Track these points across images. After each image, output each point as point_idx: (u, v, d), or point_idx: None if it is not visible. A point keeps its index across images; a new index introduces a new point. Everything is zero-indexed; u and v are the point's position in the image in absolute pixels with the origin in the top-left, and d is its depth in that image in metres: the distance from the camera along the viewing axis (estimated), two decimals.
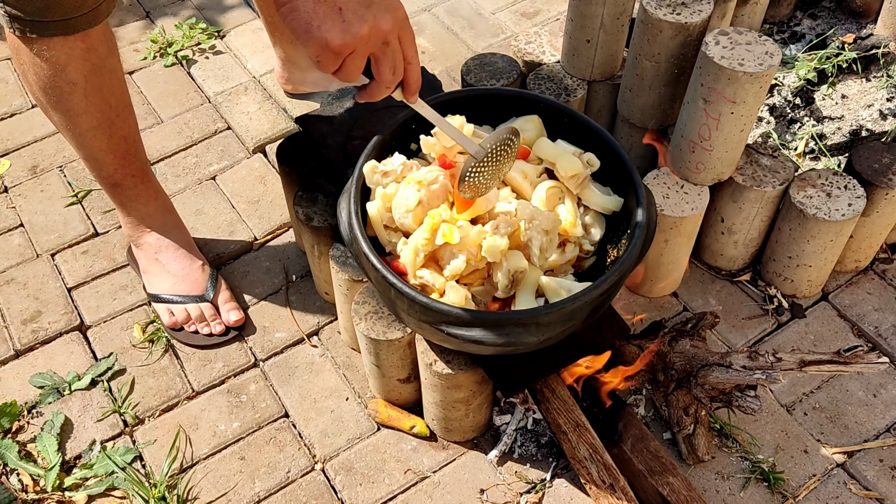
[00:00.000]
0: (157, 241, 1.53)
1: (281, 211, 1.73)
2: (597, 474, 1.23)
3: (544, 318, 1.04)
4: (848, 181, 1.46)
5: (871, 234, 1.53)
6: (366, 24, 0.89)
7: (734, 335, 1.52)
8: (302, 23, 0.87)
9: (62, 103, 1.24)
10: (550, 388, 1.28)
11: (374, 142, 1.18)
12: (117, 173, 1.40)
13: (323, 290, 1.56)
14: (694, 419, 1.31)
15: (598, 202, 1.18)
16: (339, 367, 1.49)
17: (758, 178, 1.44)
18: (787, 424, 1.40)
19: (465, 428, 1.36)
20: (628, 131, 1.59)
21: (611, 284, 1.07)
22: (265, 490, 1.34)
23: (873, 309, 1.56)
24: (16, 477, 1.36)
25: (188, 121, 1.93)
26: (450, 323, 1.05)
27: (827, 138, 1.72)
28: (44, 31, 1.14)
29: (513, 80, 1.59)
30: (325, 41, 0.88)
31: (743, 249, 1.56)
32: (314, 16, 0.87)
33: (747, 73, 1.24)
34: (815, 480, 1.34)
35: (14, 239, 1.70)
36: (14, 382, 1.47)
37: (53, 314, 1.57)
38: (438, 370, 1.21)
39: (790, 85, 1.80)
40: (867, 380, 1.46)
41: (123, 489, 1.34)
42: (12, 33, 1.16)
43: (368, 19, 0.89)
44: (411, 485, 1.34)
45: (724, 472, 1.35)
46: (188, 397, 1.46)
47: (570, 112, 1.24)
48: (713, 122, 1.33)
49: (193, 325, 1.52)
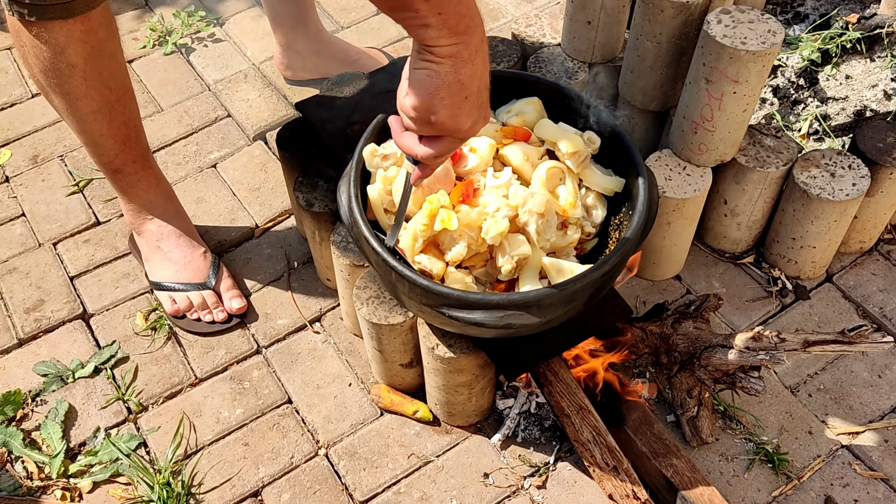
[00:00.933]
0: (158, 229, 1.53)
1: (282, 198, 1.73)
2: (600, 457, 1.23)
3: (546, 300, 1.04)
4: (852, 161, 1.44)
5: (876, 214, 1.52)
6: (471, 121, 0.91)
7: (738, 317, 1.51)
8: (433, 82, 0.86)
9: (62, 86, 1.24)
10: (553, 371, 1.28)
11: (374, 124, 1.18)
12: (118, 159, 1.40)
13: (324, 277, 1.56)
14: (697, 401, 1.31)
15: (599, 183, 1.18)
16: (342, 353, 1.49)
17: (761, 159, 1.43)
18: (791, 406, 1.40)
19: (468, 412, 1.35)
20: (630, 113, 1.58)
21: (612, 266, 1.06)
22: (269, 476, 1.34)
23: (878, 290, 1.55)
24: (21, 464, 1.36)
25: (188, 109, 1.92)
26: (451, 306, 1.05)
27: (831, 119, 1.70)
28: (43, 15, 1.14)
29: (513, 64, 1.58)
30: (442, 117, 0.88)
31: (746, 231, 1.55)
32: (446, 86, 0.86)
33: (750, 52, 1.23)
34: (820, 461, 1.34)
35: (16, 228, 1.70)
36: (18, 371, 1.48)
37: (56, 303, 1.57)
38: (441, 354, 1.21)
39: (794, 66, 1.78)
40: (872, 361, 1.45)
41: (128, 475, 1.34)
42: (12, 16, 1.16)
43: (476, 118, 0.90)
44: (415, 469, 1.34)
45: (728, 453, 1.35)
46: (191, 384, 1.46)
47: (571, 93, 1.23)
48: (715, 102, 1.31)
49: (196, 313, 1.52)
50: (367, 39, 2.08)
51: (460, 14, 0.82)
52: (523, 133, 1.19)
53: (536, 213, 1.09)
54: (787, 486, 1.31)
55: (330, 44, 1.87)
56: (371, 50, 1.96)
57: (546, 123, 1.19)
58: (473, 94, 0.88)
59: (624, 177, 1.19)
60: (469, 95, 0.88)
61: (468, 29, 0.84)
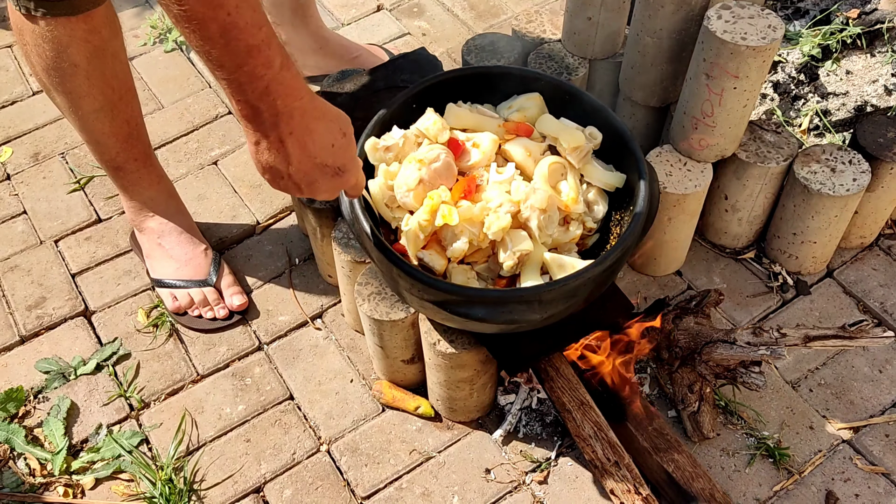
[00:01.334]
0: (159, 226, 1.53)
1: (283, 195, 1.73)
2: (602, 452, 1.24)
3: (547, 296, 1.04)
4: (853, 156, 1.45)
5: (877, 209, 1.52)
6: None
7: (739, 313, 1.51)
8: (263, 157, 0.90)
9: (64, 85, 1.24)
10: (554, 366, 1.28)
11: (375, 120, 1.18)
12: (119, 157, 1.40)
13: (326, 273, 1.56)
14: (699, 396, 1.31)
15: (601, 178, 1.18)
16: (343, 349, 1.49)
17: (762, 155, 1.43)
18: (792, 401, 1.40)
19: (469, 408, 1.36)
20: (630, 109, 1.58)
21: (613, 261, 1.07)
22: (271, 471, 1.35)
23: (879, 285, 1.55)
24: (23, 461, 1.37)
25: (189, 106, 1.92)
26: (452, 301, 1.05)
27: (831, 114, 1.70)
28: (51, 9, 1.14)
29: (514, 60, 1.58)
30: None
31: (747, 227, 1.55)
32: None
33: (750, 47, 1.23)
34: (821, 456, 1.34)
35: (17, 226, 1.70)
36: (20, 368, 1.48)
37: (58, 300, 1.57)
38: (442, 350, 1.21)
39: (794, 61, 1.78)
40: (873, 356, 1.46)
41: (130, 472, 1.35)
42: (17, 11, 1.16)
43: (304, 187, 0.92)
44: (416, 465, 1.35)
45: (729, 448, 1.35)
46: (193, 381, 1.46)
47: (572, 89, 1.24)
48: (716, 97, 1.32)
49: (197, 310, 1.52)
50: (367, 36, 2.08)
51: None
52: (525, 128, 1.19)
53: (539, 209, 1.09)
54: (788, 481, 1.31)
55: (330, 41, 1.87)
56: (371, 46, 1.96)
57: (548, 119, 1.19)
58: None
59: (625, 172, 1.19)
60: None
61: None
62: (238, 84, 0.80)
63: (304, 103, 0.85)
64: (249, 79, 0.80)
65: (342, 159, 0.91)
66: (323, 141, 0.88)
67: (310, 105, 0.86)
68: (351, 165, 0.93)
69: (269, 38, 0.79)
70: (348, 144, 0.92)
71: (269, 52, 0.79)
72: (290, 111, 0.84)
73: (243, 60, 0.78)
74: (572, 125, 1.19)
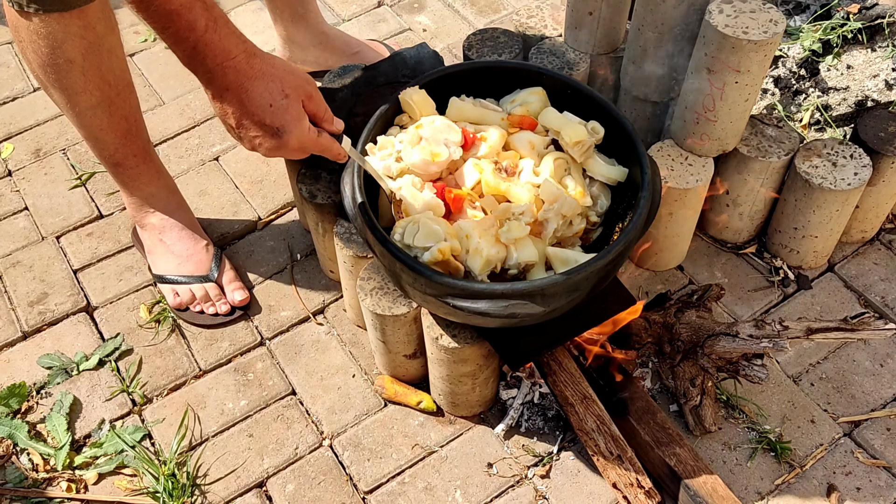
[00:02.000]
0: (161, 222, 1.53)
1: (284, 190, 1.73)
2: (604, 446, 1.24)
3: (550, 290, 1.04)
4: (854, 150, 1.45)
5: (878, 203, 1.52)
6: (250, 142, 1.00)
7: (740, 307, 1.51)
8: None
9: (61, 81, 1.24)
10: (557, 360, 1.28)
11: (377, 116, 1.18)
12: (119, 153, 1.40)
13: (328, 268, 1.56)
14: (700, 390, 1.31)
15: (603, 172, 1.18)
16: (345, 345, 1.49)
17: (763, 149, 1.43)
18: (793, 395, 1.40)
19: (471, 402, 1.36)
20: (632, 104, 1.58)
21: (616, 255, 1.07)
22: (274, 467, 1.35)
23: (880, 279, 1.55)
24: (26, 456, 1.37)
25: (190, 102, 1.92)
26: (455, 295, 1.05)
27: (832, 109, 1.70)
28: (43, 5, 1.14)
29: (515, 55, 1.58)
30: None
31: (748, 221, 1.55)
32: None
33: (752, 41, 1.23)
34: (822, 450, 1.34)
35: (19, 222, 1.70)
36: (22, 363, 1.48)
37: (60, 296, 1.57)
38: (445, 344, 1.21)
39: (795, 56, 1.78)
40: (874, 349, 1.46)
41: (133, 467, 1.35)
42: (11, 7, 1.16)
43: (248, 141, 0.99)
44: (419, 459, 1.35)
45: (730, 442, 1.35)
46: (195, 376, 1.46)
47: (574, 84, 1.24)
48: (717, 91, 1.32)
49: (199, 306, 1.52)
50: (367, 32, 2.07)
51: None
52: (529, 122, 1.19)
53: (562, 216, 1.10)
54: (789, 475, 1.31)
55: (331, 36, 1.87)
56: (372, 42, 1.96)
57: (551, 112, 1.20)
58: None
59: (627, 167, 1.19)
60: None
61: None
62: (171, 44, 0.91)
63: (237, 62, 0.92)
64: (175, 40, 0.90)
65: (280, 120, 0.95)
66: (260, 100, 0.94)
67: (245, 64, 0.92)
68: (291, 126, 0.96)
69: (190, 3, 0.88)
70: (288, 105, 0.95)
71: (190, 15, 0.88)
72: (223, 69, 0.92)
73: (165, 24, 0.89)
74: (575, 119, 1.19)
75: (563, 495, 1.30)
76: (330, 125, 1.03)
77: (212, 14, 0.90)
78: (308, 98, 0.98)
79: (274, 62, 0.96)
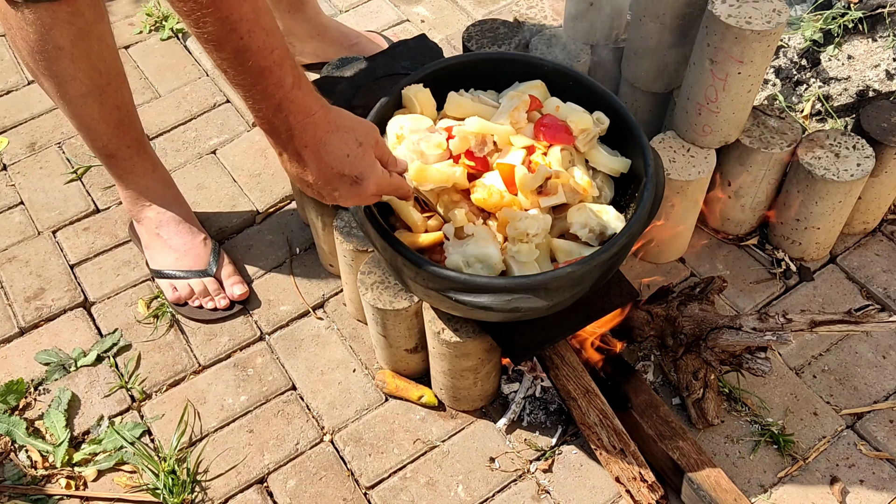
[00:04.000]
0: (157, 216, 1.52)
1: (283, 183, 1.72)
2: (607, 440, 1.23)
3: (552, 283, 1.03)
4: (856, 141, 1.44)
5: (880, 194, 1.51)
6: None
7: (742, 299, 1.51)
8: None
9: (50, 69, 1.23)
10: (559, 354, 1.27)
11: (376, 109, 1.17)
12: (112, 143, 1.39)
13: (327, 262, 1.55)
14: (703, 383, 1.31)
15: (606, 163, 1.17)
16: (346, 339, 1.48)
17: (765, 140, 1.42)
18: (796, 387, 1.40)
19: (473, 397, 1.35)
20: (633, 95, 1.57)
21: (619, 248, 1.06)
22: (274, 462, 1.34)
23: (882, 270, 1.54)
24: (24, 453, 1.36)
25: (186, 94, 1.91)
26: (457, 289, 1.04)
27: (833, 99, 1.69)
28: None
29: (515, 46, 1.56)
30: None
31: (750, 213, 1.55)
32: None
33: (755, 32, 1.22)
34: (825, 442, 1.34)
35: (14, 217, 1.69)
36: (19, 360, 1.47)
37: (57, 291, 1.56)
38: (446, 338, 1.20)
39: (796, 46, 1.77)
40: (876, 341, 1.45)
41: (133, 464, 1.34)
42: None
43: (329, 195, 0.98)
44: (420, 454, 1.34)
45: (733, 435, 1.35)
46: (195, 371, 1.45)
47: (576, 75, 1.22)
48: (720, 82, 1.31)
49: (198, 300, 1.51)
50: (365, 23, 2.06)
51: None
52: (536, 103, 1.19)
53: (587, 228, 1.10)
54: (792, 468, 1.31)
55: (329, 28, 1.85)
56: (370, 33, 1.94)
57: (555, 101, 1.19)
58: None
59: (629, 158, 1.18)
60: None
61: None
62: (253, 101, 0.88)
63: (316, 118, 0.91)
64: (263, 96, 0.87)
65: (358, 168, 0.95)
66: (338, 152, 0.93)
67: (322, 119, 0.92)
68: (368, 173, 0.96)
69: (282, 60, 0.86)
70: (364, 154, 0.96)
71: (281, 72, 0.86)
72: (303, 126, 0.90)
73: (256, 80, 0.85)
74: (579, 108, 1.18)
75: (565, 489, 1.30)
76: (395, 166, 1.04)
77: (298, 71, 0.89)
78: (375, 144, 0.99)
79: (344, 114, 0.96)
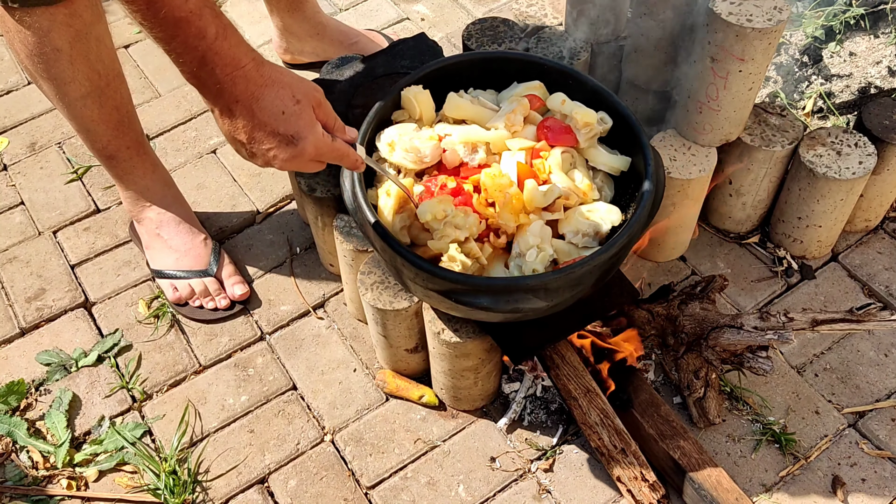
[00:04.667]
0: (157, 216, 1.52)
1: (283, 183, 1.71)
2: (608, 439, 1.23)
3: (553, 284, 1.03)
4: (858, 139, 1.43)
5: (882, 192, 1.51)
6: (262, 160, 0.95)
7: (743, 298, 1.50)
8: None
9: (49, 71, 1.23)
10: (560, 354, 1.27)
11: (376, 108, 1.17)
12: (111, 145, 1.39)
13: (327, 262, 1.55)
14: (704, 382, 1.31)
15: (606, 162, 1.17)
16: (346, 339, 1.48)
17: (766, 138, 1.42)
18: (797, 386, 1.40)
19: (473, 396, 1.35)
20: (633, 93, 1.56)
21: (619, 248, 1.06)
22: (275, 462, 1.34)
23: (884, 268, 1.54)
24: (26, 454, 1.36)
25: (186, 94, 1.90)
26: (457, 290, 1.04)
27: (835, 96, 1.69)
28: (26, 1, 1.12)
29: (515, 45, 1.56)
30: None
31: (751, 211, 1.54)
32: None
33: (756, 30, 1.21)
34: (827, 441, 1.34)
35: (15, 217, 1.69)
36: (20, 360, 1.47)
37: (57, 291, 1.56)
38: (447, 339, 1.20)
39: (797, 43, 1.77)
40: (878, 340, 1.45)
41: (134, 464, 1.34)
42: None
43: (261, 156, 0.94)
44: (421, 454, 1.34)
45: (735, 434, 1.34)
46: (195, 372, 1.45)
47: (576, 73, 1.22)
48: (721, 81, 1.30)
49: (198, 300, 1.51)
50: (365, 22, 2.05)
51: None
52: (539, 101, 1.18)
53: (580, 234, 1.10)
54: (794, 466, 1.31)
55: (328, 26, 1.85)
56: (370, 32, 1.94)
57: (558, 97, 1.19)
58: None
59: (630, 157, 1.18)
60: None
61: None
62: (176, 55, 0.84)
63: (247, 71, 0.87)
64: (184, 49, 0.84)
65: (294, 127, 0.90)
66: (272, 108, 0.89)
67: (254, 72, 0.88)
68: (306, 133, 0.91)
69: (200, 10, 0.82)
70: (301, 111, 0.91)
71: (200, 22, 0.82)
72: (233, 79, 0.86)
73: (173, 32, 0.82)
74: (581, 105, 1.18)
75: (566, 489, 1.29)
76: (342, 133, 0.99)
77: (221, 21, 0.85)
78: (318, 105, 0.94)
79: (281, 70, 0.91)
